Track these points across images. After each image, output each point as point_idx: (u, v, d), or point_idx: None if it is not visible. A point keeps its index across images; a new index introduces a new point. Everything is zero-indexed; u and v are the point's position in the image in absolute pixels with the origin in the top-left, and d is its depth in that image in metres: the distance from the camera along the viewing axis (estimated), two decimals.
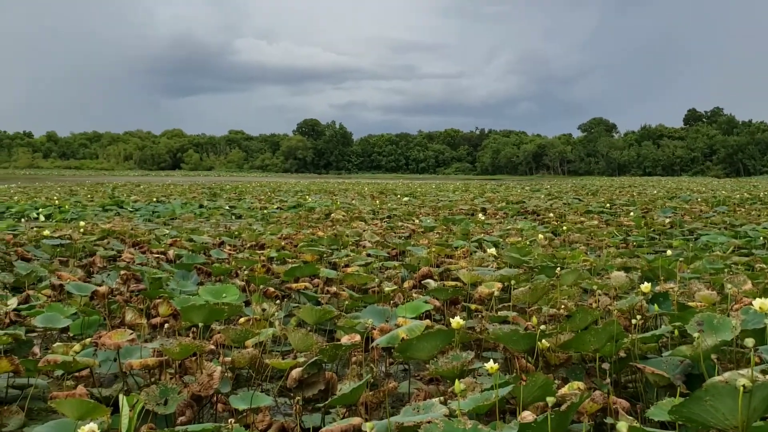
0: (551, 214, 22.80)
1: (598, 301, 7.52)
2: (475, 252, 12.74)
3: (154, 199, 33.24)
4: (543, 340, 5.14)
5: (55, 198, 32.10)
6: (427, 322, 6.31)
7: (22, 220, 22.21)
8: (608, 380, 4.87)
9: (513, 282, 8.27)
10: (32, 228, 17.36)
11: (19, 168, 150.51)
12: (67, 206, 26.61)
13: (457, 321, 4.86)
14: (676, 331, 5.34)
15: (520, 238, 14.99)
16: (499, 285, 8.28)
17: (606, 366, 5.09)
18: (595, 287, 7.45)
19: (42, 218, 22.69)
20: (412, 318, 7.05)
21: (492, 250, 10.58)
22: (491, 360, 4.03)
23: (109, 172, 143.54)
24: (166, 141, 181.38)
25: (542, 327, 5.05)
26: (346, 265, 11.23)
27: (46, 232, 14.18)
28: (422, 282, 9.52)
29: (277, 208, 28.92)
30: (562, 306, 7.07)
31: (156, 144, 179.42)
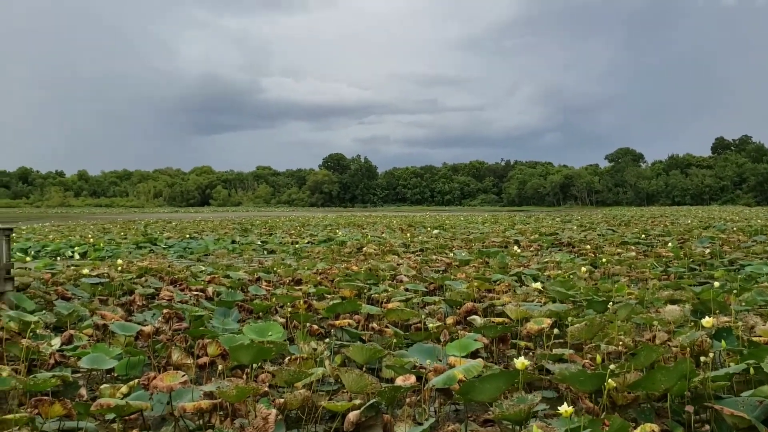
0: (587, 246, 22.42)
1: (654, 337, 7.26)
2: (518, 286, 12.51)
3: (187, 236, 33.47)
4: (610, 380, 4.92)
5: (89, 236, 32.47)
6: (481, 361, 6.12)
7: (58, 258, 22.44)
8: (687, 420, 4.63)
9: (564, 318, 8.05)
10: (69, 266, 17.49)
11: (51, 207, 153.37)
12: (101, 244, 26.86)
13: (521, 362, 4.67)
14: (752, 369, 5.08)
15: (559, 271, 14.73)
16: (549, 321, 8.06)
17: (690, 408, 4.83)
18: (655, 323, 7.18)
19: (77, 256, 22.86)
20: (462, 356, 6.86)
21: (536, 285, 10.34)
22: (564, 403, 3.84)
23: (139, 209, 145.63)
24: (195, 178, 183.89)
25: (611, 366, 4.83)
26: (387, 301, 11.08)
27: (85, 271, 14.24)
28: (467, 318, 9.33)
29: (308, 243, 28.91)
30: (620, 342, 6.82)
31: (185, 181, 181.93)
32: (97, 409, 5.08)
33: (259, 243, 28.53)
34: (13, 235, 12.48)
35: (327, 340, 7.95)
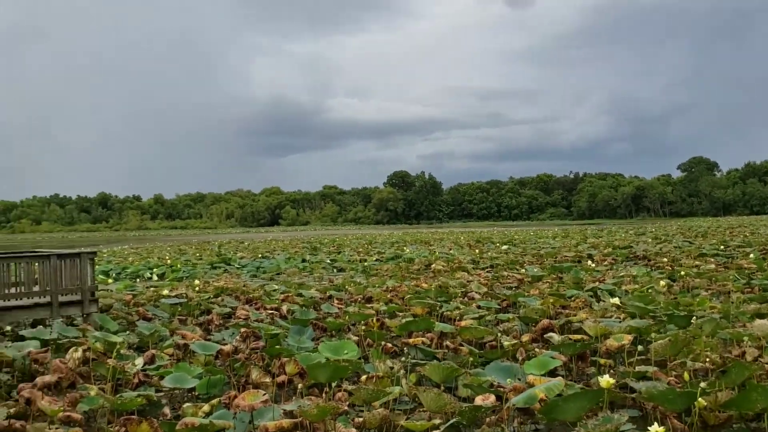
0: (664, 259, 21.70)
1: (744, 353, 6.93)
2: (594, 302, 12.21)
3: (259, 255, 34.16)
4: (700, 398, 4.72)
5: (166, 257, 33.55)
6: (561, 379, 5.98)
7: (138, 279, 23.27)
8: None
9: (645, 334, 7.79)
10: (148, 287, 18.10)
11: (129, 230, 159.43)
12: (178, 265, 27.71)
13: (606, 380, 4.54)
14: None
15: (636, 286, 14.29)
16: (629, 337, 7.82)
17: None
18: (744, 338, 6.86)
19: (155, 277, 23.63)
20: (541, 375, 6.72)
21: (614, 300, 10.05)
22: (655, 424, 3.71)
23: (212, 230, 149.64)
24: (264, 199, 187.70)
25: (701, 384, 4.64)
26: (459, 318, 11.00)
27: (164, 292, 14.70)
28: (544, 335, 9.15)
29: (376, 260, 29.03)
30: (707, 359, 6.55)
31: (255, 202, 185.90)
32: (182, 428, 5.20)
33: (328, 261, 28.84)
34: (96, 258, 13.01)
35: (403, 359, 7.93)
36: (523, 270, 19.74)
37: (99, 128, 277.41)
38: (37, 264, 12.21)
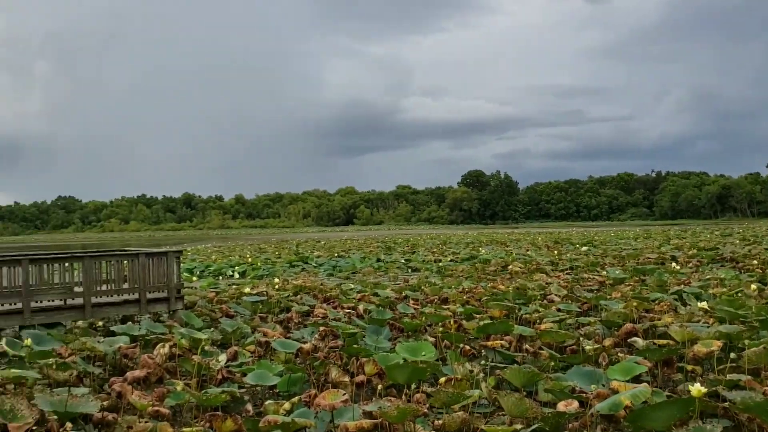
0: (753, 261, 20.67)
1: None
2: (679, 305, 11.75)
3: (335, 255, 34.62)
4: None
5: (247, 256, 34.44)
6: (647, 386, 5.79)
7: (220, 277, 23.97)
8: None
9: (736, 340, 7.44)
10: (230, 285, 18.61)
11: (212, 229, 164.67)
12: (258, 263, 28.40)
13: (697, 388, 4.36)
14: None
15: (724, 289, 13.67)
16: (719, 343, 7.48)
17: None
18: None
19: (237, 275, 24.31)
20: (625, 381, 6.52)
21: (701, 304, 9.64)
22: None
23: (290, 229, 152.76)
24: (340, 198, 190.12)
25: None
26: (539, 321, 10.82)
27: (246, 290, 15.08)
28: (627, 340, 8.88)
29: (451, 261, 28.89)
30: None
31: (331, 202, 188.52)
32: (265, 425, 5.32)
33: (402, 261, 28.91)
34: (181, 256, 13.48)
35: (482, 362, 7.86)
36: (604, 272, 19.21)
37: (183, 131, 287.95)
38: (126, 262, 12.77)
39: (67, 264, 12.44)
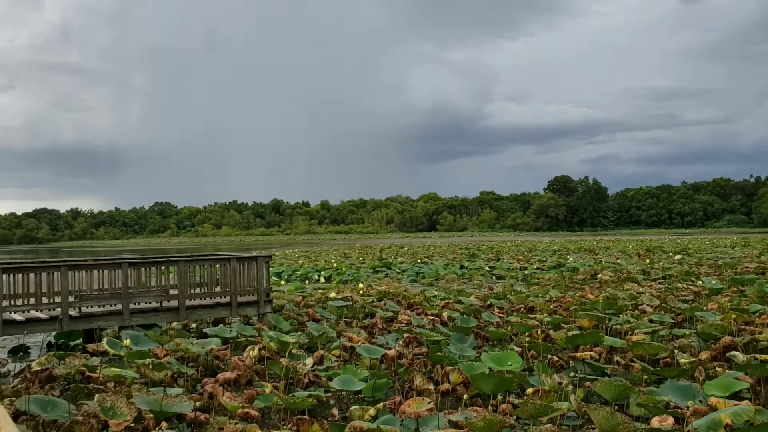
0: None
1: None
2: None
3: (418, 261, 34.64)
4: None
5: (332, 261, 34.99)
6: (750, 404, 5.48)
7: (307, 282, 24.44)
8: None
9: None
10: (316, 289, 18.95)
11: (298, 234, 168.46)
12: (343, 268, 28.79)
13: None
14: None
15: None
16: None
17: None
18: None
19: (323, 280, 24.71)
20: (724, 397, 6.20)
21: None
22: None
23: (373, 235, 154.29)
24: (422, 204, 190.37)
25: None
26: (630, 333, 10.45)
27: (332, 294, 15.31)
28: (725, 354, 8.44)
29: (537, 269, 28.34)
30: None
31: (414, 208, 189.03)
32: (350, 430, 5.36)
33: (487, 268, 28.61)
34: (270, 261, 13.83)
35: (571, 374, 7.66)
36: (700, 282, 18.36)
37: (272, 139, 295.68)
38: (218, 266, 13.21)
39: (163, 268, 13.00)
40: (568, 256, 35.79)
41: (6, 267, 11.12)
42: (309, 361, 8.86)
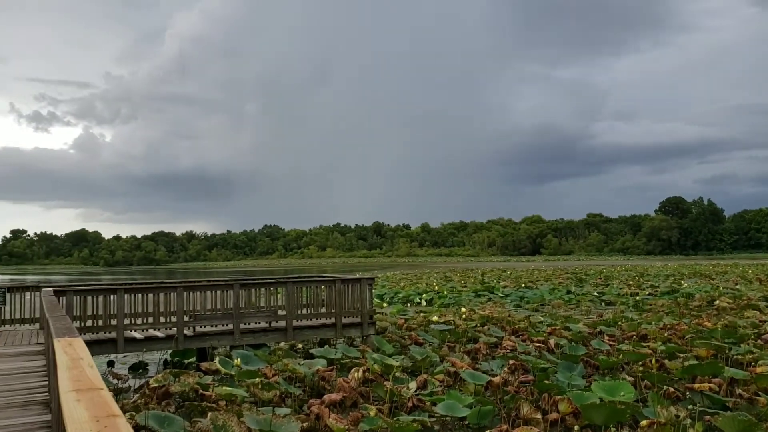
0: None
1: None
2: None
3: (522, 285, 33.97)
4: None
5: (434, 284, 34.91)
6: None
7: (408, 304, 24.49)
8: None
9: None
10: (418, 312, 18.94)
11: (399, 256, 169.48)
12: (445, 292, 28.65)
13: None
14: None
15: None
16: None
17: None
18: None
19: (424, 303, 24.68)
20: None
21: None
22: None
23: (475, 258, 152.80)
24: (526, 227, 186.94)
25: None
26: (753, 363, 9.77)
27: (434, 318, 15.26)
28: None
29: (649, 294, 27.10)
30: None
31: (516, 230, 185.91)
32: None
33: (595, 294, 27.65)
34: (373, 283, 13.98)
35: (690, 406, 7.24)
36: None
37: (374, 163, 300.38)
38: (323, 288, 13.48)
39: (271, 289, 13.40)
40: (682, 282, 34.03)
41: (128, 288, 11.83)
42: (413, 384, 8.86)
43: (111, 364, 12.78)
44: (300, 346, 13.04)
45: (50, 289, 11.12)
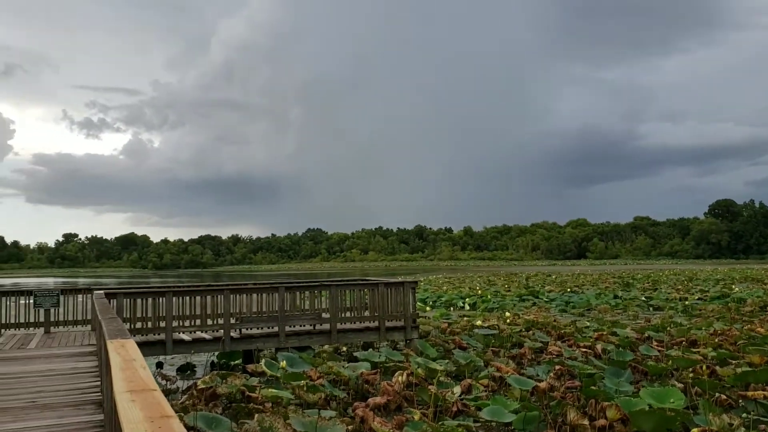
0: None
1: None
2: None
3: (567, 289, 33.50)
4: None
5: (477, 288, 34.69)
6: None
7: (451, 308, 24.39)
8: None
9: None
10: (461, 316, 18.84)
11: (442, 260, 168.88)
12: (488, 296, 28.44)
13: None
14: None
15: None
16: None
17: None
18: None
19: (467, 307, 24.54)
20: None
21: None
22: None
23: (518, 262, 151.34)
24: (570, 231, 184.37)
25: None
26: None
27: (478, 322, 15.17)
28: None
29: (698, 299, 26.45)
30: None
31: (561, 234, 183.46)
32: None
33: (642, 298, 27.10)
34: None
35: (744, 414, 7.05)
36: None
37: (415, 166, 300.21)
38: (367, 291, 13.53)
39: (316, 292, 13.51)
40: (733, 286, 33.13)
41: (176, 291, 12.08)
42: (457, 389, 8.82)
43: (160, 365, 13.04)
44: (344, 349, 13.11)
45: (102, 291, 11.42)
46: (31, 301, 13.43)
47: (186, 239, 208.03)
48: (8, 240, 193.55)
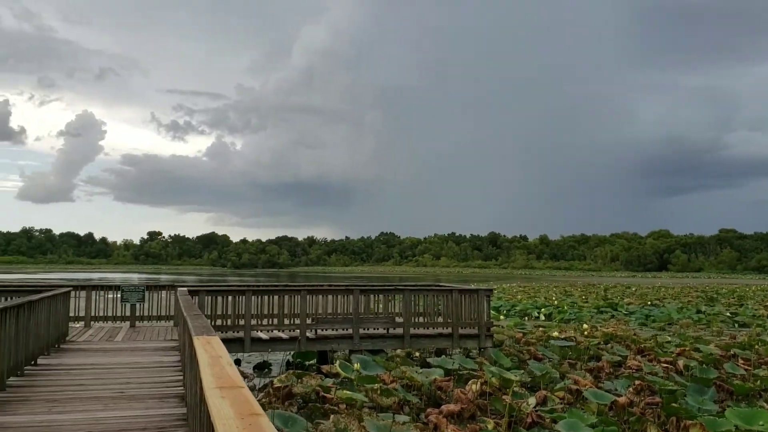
0: None
1: None
2: None
3: (648, 303, 32.44)
4: None
5: (553, 298, 34.02)
6: None
7: (526, 318, 24.01)
8: None
9: None
10: (537, 327, 18.53)
11: (516, 268, 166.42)
12: (564, 306, 27.85)
13: None
14: None
15: None
16: None
17: None
18: None
19: (543, 317, 24.11)
20: None
21: None
22: None
23: (596, 272, 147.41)
24: (652, 242, 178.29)
25: None
26: None
27: (554, 333, 14.88)
28: None
29: None
30: None
31: (642, 245, 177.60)
32: None
33: (728, 314, 25.95)
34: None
35: None
36: None
37: (491, 172, 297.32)
38: (441, 297, 13.50)
39: (389, 295, 13.59)
40: None
41: (255, 290, 12.39)
42: (532, 400, 8.68)
43: (237, 362, 13.40)
44: (416, 354, 13.12)
45: (185, 288, 11.85)
46: (119, 295, 14.07)
47: (264, 240, 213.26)
48: (97, 236, 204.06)
